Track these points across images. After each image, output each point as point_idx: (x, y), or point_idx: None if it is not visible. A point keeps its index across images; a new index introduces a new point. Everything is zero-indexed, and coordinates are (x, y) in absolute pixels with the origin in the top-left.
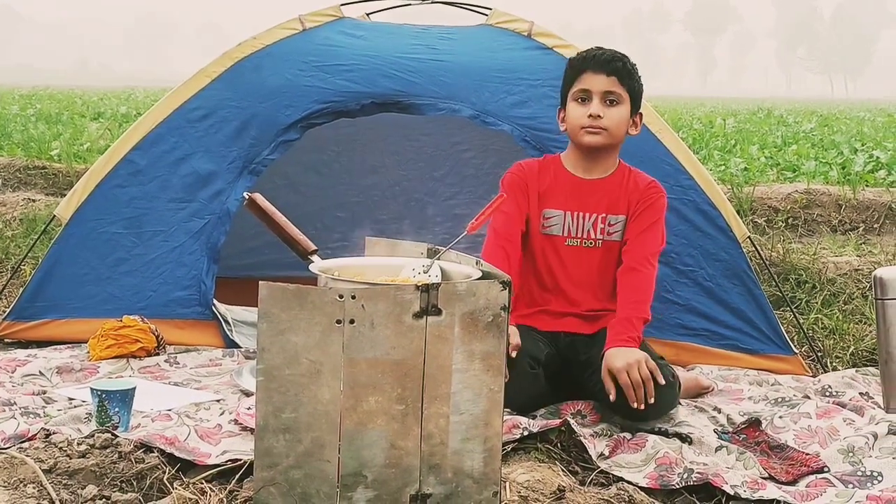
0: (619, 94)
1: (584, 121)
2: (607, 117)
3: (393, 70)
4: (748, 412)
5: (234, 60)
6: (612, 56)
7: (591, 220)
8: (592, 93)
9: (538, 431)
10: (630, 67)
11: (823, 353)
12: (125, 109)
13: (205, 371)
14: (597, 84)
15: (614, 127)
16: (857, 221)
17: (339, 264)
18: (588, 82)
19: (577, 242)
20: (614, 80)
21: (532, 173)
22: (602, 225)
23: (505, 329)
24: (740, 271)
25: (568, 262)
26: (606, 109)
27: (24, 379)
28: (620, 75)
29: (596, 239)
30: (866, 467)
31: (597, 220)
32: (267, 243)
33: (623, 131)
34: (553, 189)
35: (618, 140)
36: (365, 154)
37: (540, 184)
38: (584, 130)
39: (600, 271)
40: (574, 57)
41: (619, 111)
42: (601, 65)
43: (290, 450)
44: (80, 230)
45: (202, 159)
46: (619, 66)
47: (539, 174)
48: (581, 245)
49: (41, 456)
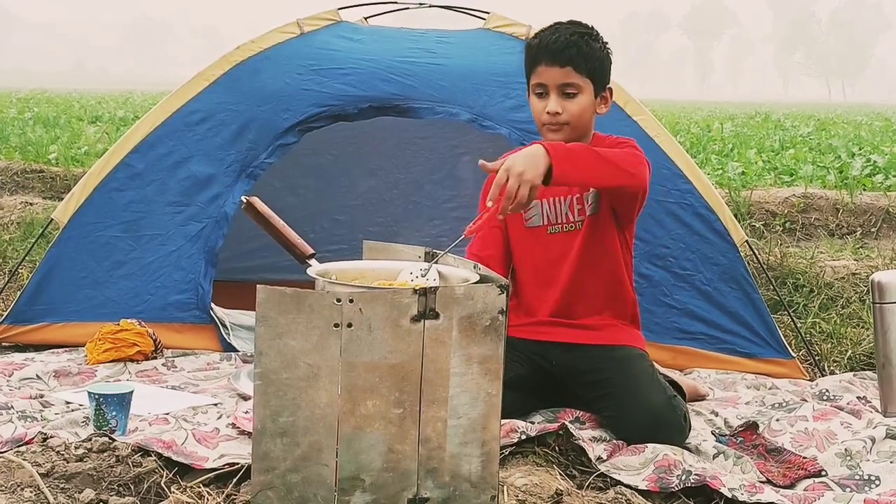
0: (576, 84)
1: (543, 117)
2: (567, 111)
3: (391, 74)
4: (745, 416)
5: (232, 64)
6: (565, 43)
7: (567, 202)
8: (549, 87)
9: (536, 435)
10: (587, 49)
11: (821, 356)
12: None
13: (202, 375)
14: (552, 77)
15: (576, 119)
16: (854, 225)
17: (337, 268)
18: (543, 76)
19: (559, 229)
20: (569, 71)
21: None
22: (579, 206)
23: (503, 333)
24: (738, 275)
25: (553, 250)
26: (565, 103)
27: (22, 382)
28: (576, 63)
29: (575, 221)
30: (864, 471)
31: (573, 201)
32: (265, 247)
33: (587, 119)
34: None
35: (583, 129)
36: (363, 157)
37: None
38: (545, 127)
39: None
40: (529, 42)
41: (578, 102)
42: (554, 56)
43: (288, 454)
44: (77, 234)
45: (200, 163)
46: (574, 53)
47: None
48: (562, 231)
49: (38, 460)
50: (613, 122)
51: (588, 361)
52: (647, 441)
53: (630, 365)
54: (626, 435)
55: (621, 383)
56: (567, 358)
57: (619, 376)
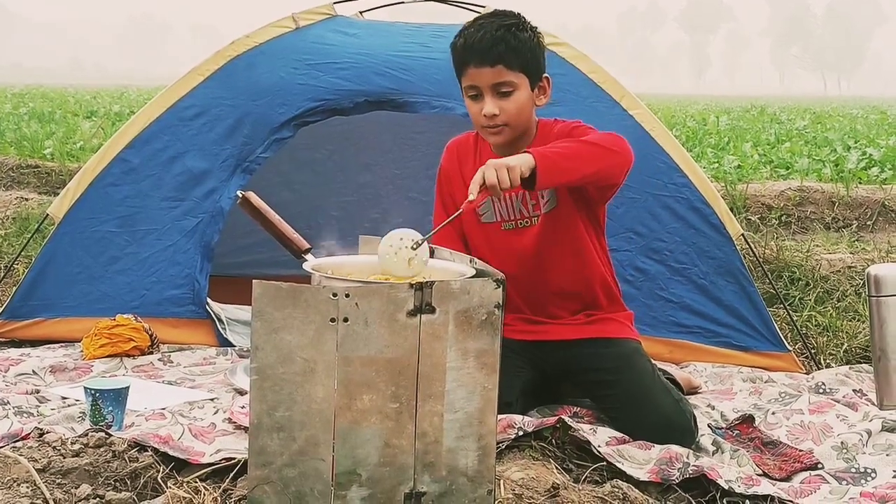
0: (510, 82)
1: (481, 119)
2: (504, 112)
3: (386, 68)
4: (742, 409)
5: (227, 59)
6: (492, 40)
7: (518, 198)
8: (482, 88)
9: (533, 430)
10: (516, 42)
11: (817, 350)
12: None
13: (198, 370)
14: (483, 78)
15: (514, 118)
16: (850, 219)
17: (334, 262)
18: (474, 77)
19: (512, 225)
20: (501, 70)
21: (454, 166)
22: (533, 201)
23: (499, 327)
24: (734, 269)
25: (506, 247)
26: (501, 102)
27: (18, 378)
28: (507, 60)
29: (530, 216)
30: (860, 464)
31: (525, 197)
32: (260, 241)
33: (527, 114)
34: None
35: (524, 125)
36: (359, 152)
37: (464, 173)
38: (484, 130)
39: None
40: (454, 43)
41: (515, 100)
42: (482, 55)
43: (285, 448)
44: (73, 229)
45: (195, 158)
46: (503, 49)
47: (463, 161)
48: (516, 227)
49: (35, 455)
50: (610, 117)
51: (583, 360)
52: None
53: (630, 366)
54: (636, 437)
55: (626, 388)
56: (560, 356)
57: (622, 380)
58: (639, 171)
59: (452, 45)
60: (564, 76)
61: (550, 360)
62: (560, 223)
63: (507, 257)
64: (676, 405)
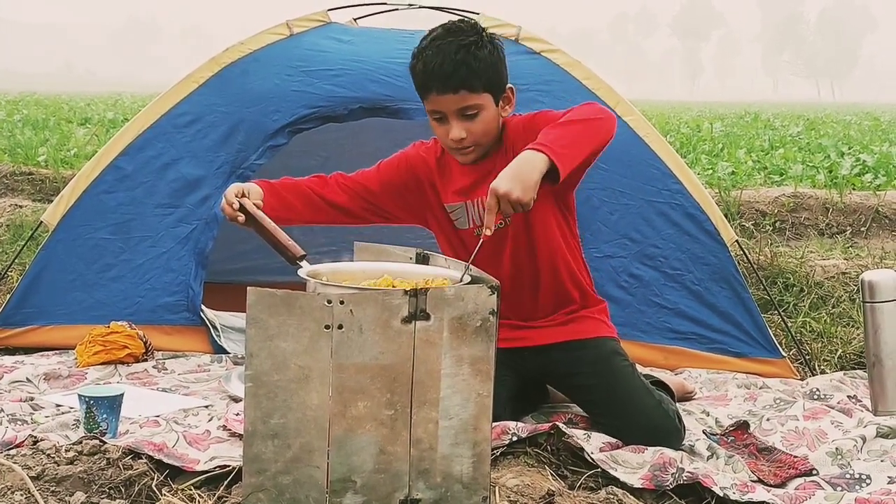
0: (475, 104)
1: (448, 142)
2: (471, 133)
3: (381, 75)
4: (736, 415)
5: (221, 66)
6: (452, 65)
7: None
8: (447, 113)
9: (527, 436)
10: (477, 63)
11: (811, 356)
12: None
13: (193, 377)
14: (447, 105)
15: (482, 137)
16: (844, 225)
17: (328, 269)
18: (437, 104)
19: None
20: (464, 95)
21: (424, 166)
22: None
23: (494, 334)
24: (728, 275)
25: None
26: (468, 125)
27: (12, 385)
28: (469, 85)
29: (504, 218)
30: (855, 470)
31: None
32: (255, 248)
33: (494, 130)
34: (450, 181)
35: (493, 138)
36: (353, 159)
37: (434, 176)
38: (453, 151)
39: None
40: (413, 66)
41: (481, 120)
42: (444, 83)
43: (279, 455)
44: (67, 236)
45: (189, 164)
46: (464, 73)
47: (434, 166)
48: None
49: (29, 463)
50: None
51: (562, 364)
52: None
53: (609, 369)
54: (624, 441)
55: (606, 391)
56: (539, 361)
57: (601, 384)
58: (633, 177)
59: (411, 68)
60: (559, 83)
61: (529, 366)
62: (534, 220)
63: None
64: (659, 406)
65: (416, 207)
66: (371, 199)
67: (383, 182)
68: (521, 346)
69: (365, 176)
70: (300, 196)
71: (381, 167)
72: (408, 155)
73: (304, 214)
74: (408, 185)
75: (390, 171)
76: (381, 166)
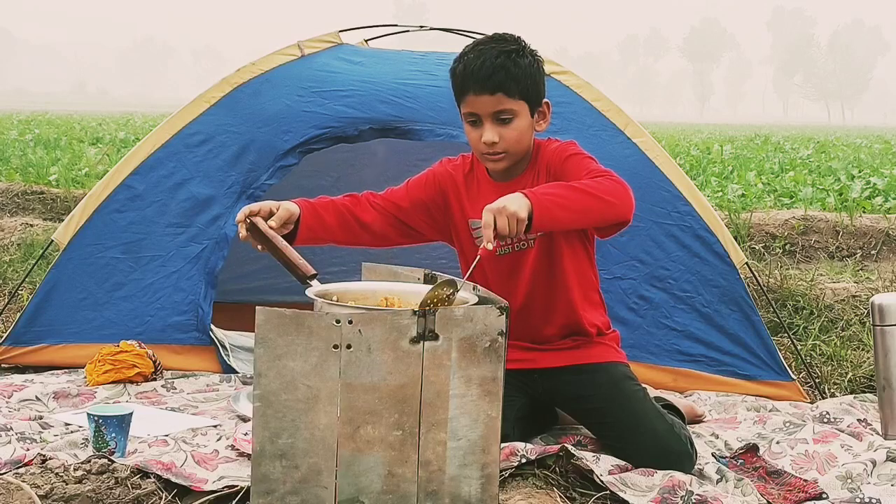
0: (510, 110)
1: (480, 146)
2: (504, 139)
3: (391, 96)
4: (746, 438)
5: (232, 86)
6: (492, 68)
7: None
8: (481, 116)
9: (536, 458)
10: (516, 69)
11: (821, 379)
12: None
13: (202, 396)
14: (483, 106)
15: (514, 145)
16: (854, 248)
17: (339, 289)
18: (473, 105)
19: (508, 249)
20: (501, 97)
21: (451, 181)
22: None
23: (503, 354)
24: (738, 297)
25: (502, 271)
26: (501, 130)
27: (21, 404)
28: (507, 88)
29: (527, 239)
30: (865, 494)
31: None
32: (264, 268)
33: (527, 141)
34: (477, 198)
35: (523, 151)
36: (363, 179)
37: (461, 192)
38: (484, 156)
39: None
40: (454, 69)
41: (515, 127)
42: (482, 83)
43: (287, 476)
44: (77, 255)
45: (200, 184)
46: (503, 77)
47: (462, 181)
48: (513, 250)
49: (37, 481)
50: (614, 145)
51: (572, 387)
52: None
53: (620, 393)
54: (635, 464)
55: (618, 415)
56: (548, 384)
57: (613, 408)
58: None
59: (452, 70)
60: (569, 105)
61: (539, 388)
62: (556, 245)
63: (502, 281)
64: (671, 430)
65: (442, 224)
66: (400, 216)
67: (412, 199)
68: (531, 368)
69: (394, 194)
70: (336, 215)
71: (409, 184)
72: (435, 172)
73: (336, 234)
74: (435, 201)
75: (418, 187)
76: (410, 184)
